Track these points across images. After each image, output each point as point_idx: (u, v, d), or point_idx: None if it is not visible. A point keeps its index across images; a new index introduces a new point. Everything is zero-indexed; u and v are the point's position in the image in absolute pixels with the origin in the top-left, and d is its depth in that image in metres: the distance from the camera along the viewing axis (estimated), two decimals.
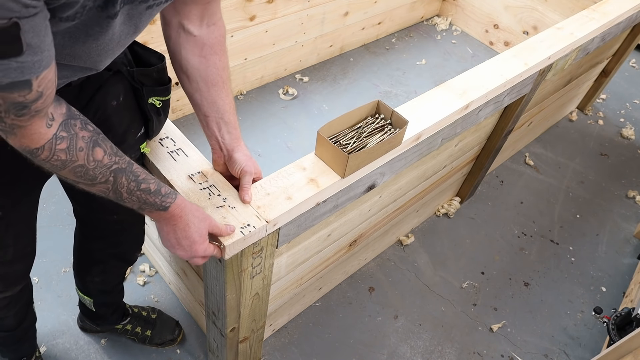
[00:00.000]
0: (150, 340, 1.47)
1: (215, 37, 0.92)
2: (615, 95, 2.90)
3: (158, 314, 1.51)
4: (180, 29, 0.90)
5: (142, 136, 0.99)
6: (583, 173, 2.38)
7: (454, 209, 2.06)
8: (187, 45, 0.91)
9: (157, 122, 1.01)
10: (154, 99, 0.96)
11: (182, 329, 1.52)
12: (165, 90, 0.98)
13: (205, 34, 0.91)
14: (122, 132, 0.94)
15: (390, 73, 2.68)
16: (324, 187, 1.03)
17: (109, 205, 1.01)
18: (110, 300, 1.36)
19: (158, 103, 0.97)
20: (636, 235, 2.13)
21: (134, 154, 0.99)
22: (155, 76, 0.95)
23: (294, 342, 1.58)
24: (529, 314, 1.78)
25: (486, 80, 1.39)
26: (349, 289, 1.75)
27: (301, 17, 2.34)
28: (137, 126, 0.98)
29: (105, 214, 1.08)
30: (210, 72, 0.93)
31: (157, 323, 1.49)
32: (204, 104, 0.96)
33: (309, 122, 2.29)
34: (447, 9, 3.13)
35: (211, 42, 0.92)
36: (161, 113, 1.00)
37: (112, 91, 0.90)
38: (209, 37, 0.91)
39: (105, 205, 1.00)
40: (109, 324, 1.43)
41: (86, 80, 0.86)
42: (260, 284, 1.12)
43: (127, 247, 1.20)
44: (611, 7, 1.82)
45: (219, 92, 0.94)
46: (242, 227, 0.91)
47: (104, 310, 1.37)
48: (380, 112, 1.16)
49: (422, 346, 1.64)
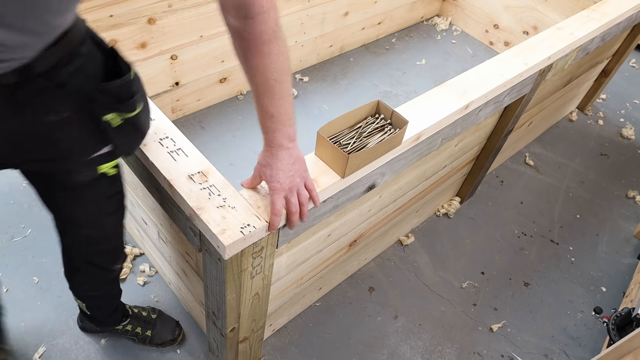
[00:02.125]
0: (150, 340, 1.47)
1: (254, 32, 0.80)
2: (615, 95, 2.90)
3: (158, 314, 1.51)
4: (227, 19, 0.82)
5: (104, 156, 0.91)
6: (583, 173, 2.38)
7: (454, 209, 2.06)
8: (235, 40, 0.83)
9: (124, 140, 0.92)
10: (113, 115, 0.86)
11: (182, 329, 1.52)
12: (127, 107, 0.87)
13: (242, 27, 0.80)
14: (67, 149, 0.86)
15: (390, 73, 2.68)
16: (324, 187, 1.03)
17: (80, 219, 1.00)
18: (103, 304, 1.34)
19: (117, 121, 0.87)
20: (636, 235, 2.13)
21: (88, 173, 0.92)
22: (112, 91, 0.84)
23: (294, 342, 1.58)
24: (529, 314, 1.78)
25: (486, 80, 1.39)
26: (349, 289, 1.75)
27: (301, 17, 2.34)
28: (93, 145, 0.88)
29: (74, 227, 1.03)
30: (252, 74, 0.85)
31: (157, 323, 1.49)
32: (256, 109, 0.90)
33: (309, 122, 2.29)
34: (447, 9, 3.13)
35: (248, 38, 0.81)
36: (125, 130, 0.90)
37: (51, 105, 0.79)
38: (246, 31, 0.80)
39: (75, 219, 1.00)
40: (108, 325, 1.43)
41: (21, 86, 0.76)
42: (260, 284, 1.12)
43: (101, 259, 1.15)
44: (611, 7, 1.82)
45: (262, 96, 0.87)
46: (242, 227, 0.91)
47: (98, 312, 1.36)
48: (380, 112, 1.16)
49: (422, 346, 1.64)
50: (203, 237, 0.98)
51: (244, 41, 0.82)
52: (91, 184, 0.94)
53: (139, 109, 0.90)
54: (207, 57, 2.08)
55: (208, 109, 2.27)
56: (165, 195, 1.06)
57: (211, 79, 2.19)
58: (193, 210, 0.93)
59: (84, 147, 0.88)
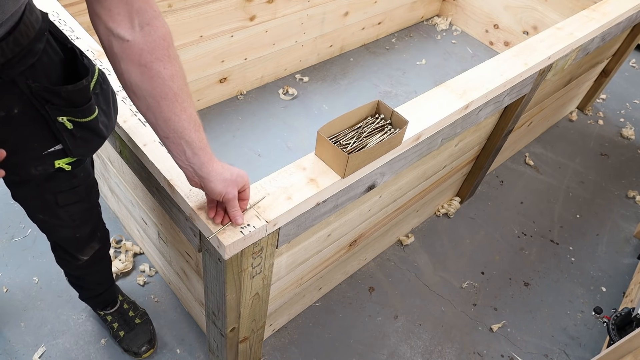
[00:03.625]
0: (120, 341, 1.46)
1: (153, 39, 0.74)
2: (615, 95, 2.90)
3: (143, 322, 1.49)
4: (110, 35, 0.73)
5: (59, 152, 0.89)
6: (583, 173, 2.38)
7: (454, 209, 2.06)
8: (124, 55, 0.74)
9: (80, 142, 0.89)
10: (64, 119, 0.83)
11: (152, 348, 1.47)
12: (81, 112, 0.84)
13: (140, 37, 0.73)
14: (19, 142, 0.84)
15: (390, 73, 2.68)
16: (324, 187, 1.03)
17: (36, 206, 1.03)
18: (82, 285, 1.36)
19: (70, 125, 0.84)
20: (636, 235, 2.13)
21: (43, 167, 0.90)
22: (63, 95, 0.81)
23: (294, 342, 1.58)
24: (529, 314, 1.78)
25: (486, 80, 1.39)
26: (349, 289, 1.75)
27: (301, 17, 2.34)
28: (46, 142, 0.87)
29: (32, 211, 1.05)
30: (156, 84, 0.76)
31: (135, 329, 1.47)
32: (159, 123, 0.79)
33: (309, 122, 2.29)
34: (447, 9, 3.13)
35: (150, 47, 0.74)
36: (80, 134, 0.88)
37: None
38: (146, 40, 0.73)
39: (32, 205, 1.03)
40: (87, 303, 1.46)
41: None
42: (260, 284, 1.13)
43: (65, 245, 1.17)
44: (611, 7, 1.82)
45: (172, 107, 0.77)
46: (242, 227, 0.91)
47: (77, 290, 1.39)
48: (380, 112, 1.16)
49: (422, 346, 1.64)
50: (203, 237, 0.98)
51: (144, 53, 0.74)
52: (48, 177, 0.94)
53: (93, 115, 0.87)
54: (207, 57, 2.08)
55: (208, 109, 2.27)
56: (165, 195, 1.06)
57: (211, 79, 2.19)
58: (193, 210, 0.94)
59: (36, 143, 0.86)
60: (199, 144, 0.81)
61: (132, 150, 1.09)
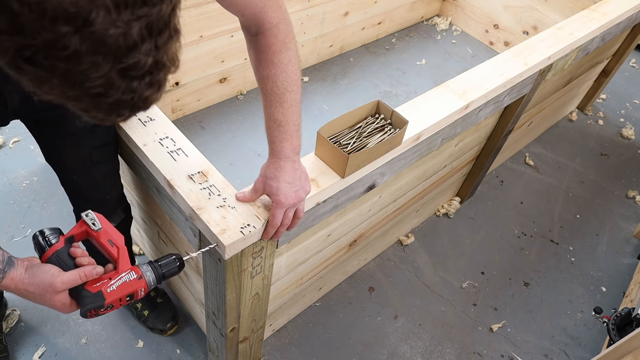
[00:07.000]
0: (144, 320, 1.51)
1: (264, 44, 0.88)
2: (615, 95, 2.90)
3: (165, 300, 1.55)
4: (244, 33, 0.91)
5: None
6: (583, 173, 2.38)
7: (454, 209, 2.06)
8: (249, 51, 0.91)
9: None
10: None
11: (176, 324, 1.54)
12: None
13: (255, 40, 0.89)
14: None
15: (390, 73, 2.68)
16: (324, 187, 1.03)
17: (71, 164, 1.10)
18: None
19: None
20: (636, 235, 2.13)
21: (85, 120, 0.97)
22: None
23: (294, 342, 1.58)
24: (529, 314, 1.78)
25: (486, 80, 1.39)
26: (349, 289, 1.75)
27: (301, 17, 2.34)
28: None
29: (65, 172, 1.13)
30: (262, 83, 0.91)
31: (158, 307, 1.52)
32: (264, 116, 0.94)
33: (309, 122, 2.28)
34: (447, 9, 3.13)
35: (259, 49, 0.89)
36: None
37: None
38: (258, 43, 0.89)
39: (67, 164, 1.12)
40: None
41: None
42: (260, 284, 1.13)
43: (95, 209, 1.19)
44: (611, 7, 1.82)
45: (271, 104, 0.91)
46: (242, 227, 0.91)
47: None
48: (380, 112, 1.16)
49: (422, 346, 1.64)
50: (203, 237, 0.98)
51: (256, 52, 0.89)
52: (88, 131, 1.04)
53: None
54: (207, 57, 2.08)
55: (208, 109, 2.27)
56: (165, 195, 1.06)
57: (211, 79, 2.18)
58: (193, 210, 0.94)
59: None
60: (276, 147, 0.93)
61: (132, 150, 1.09)
